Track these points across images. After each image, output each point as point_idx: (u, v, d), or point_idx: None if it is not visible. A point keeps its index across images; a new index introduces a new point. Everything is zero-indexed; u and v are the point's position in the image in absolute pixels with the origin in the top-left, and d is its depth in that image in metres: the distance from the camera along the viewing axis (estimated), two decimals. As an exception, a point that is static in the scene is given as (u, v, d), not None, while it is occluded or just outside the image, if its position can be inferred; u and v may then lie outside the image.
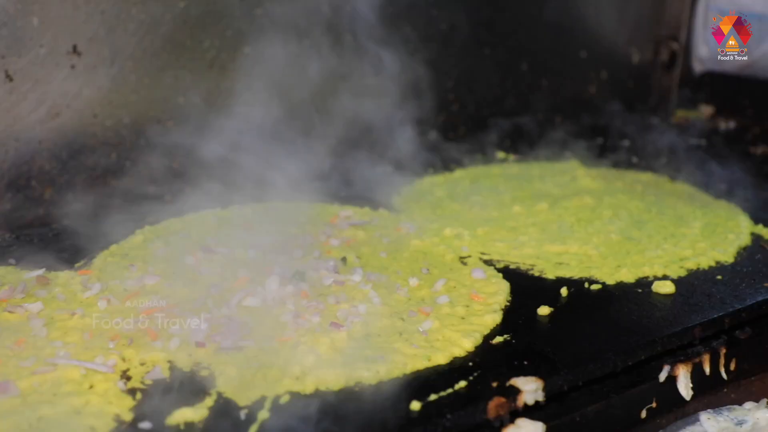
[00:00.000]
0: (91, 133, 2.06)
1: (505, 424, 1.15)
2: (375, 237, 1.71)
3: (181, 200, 2.00)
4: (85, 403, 1.08)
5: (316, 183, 2.16)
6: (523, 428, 1.16)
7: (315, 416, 1.09)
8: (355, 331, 1.30)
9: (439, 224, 1.79)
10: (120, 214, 1.86)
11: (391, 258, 1.61)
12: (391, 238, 1.72)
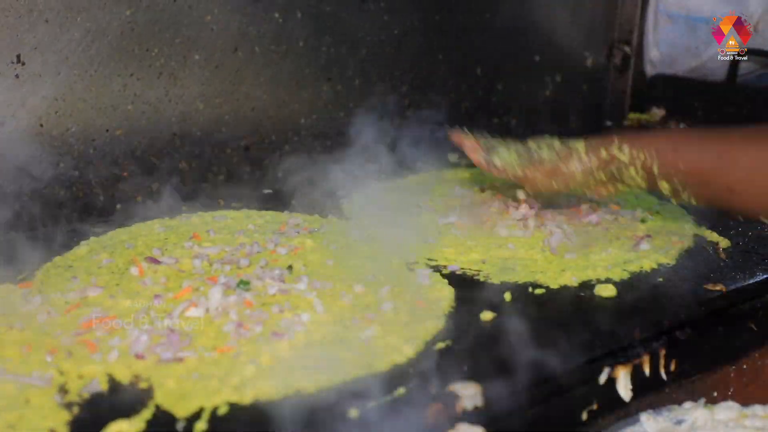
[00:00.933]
0: (38, 142, 2.04)
1: (445, 430, 1.16)
2: (323, 245, 1.71)
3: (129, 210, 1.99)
4: (19, 418, 1.07)
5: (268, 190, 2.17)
6: (463, 433, 1.17)
7: (252, 427, 1.09)
8: (297, 340, 1.30)
9: (388, 230, 1.79)
10: (66, 225, 1.85)
11: (338, 265, 1.61)
12: (339, 245, 1.72)
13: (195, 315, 1.37)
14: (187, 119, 2.25)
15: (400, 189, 2.14)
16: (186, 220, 1.84)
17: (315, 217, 1.89)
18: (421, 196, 2.05)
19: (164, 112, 2.21)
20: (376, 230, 1.80)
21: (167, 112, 2.22)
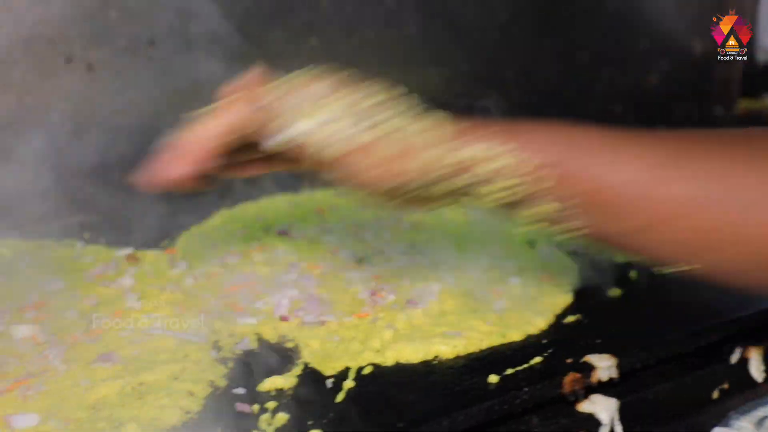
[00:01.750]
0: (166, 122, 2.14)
1: (579, 399, 1.19)
2: (442, 220, 1.75)
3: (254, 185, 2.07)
4: (182, 370, 1.15)
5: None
6: (597, 404, 1.19)
7: (397, 387, 1.14)
8: (431, 308, 1.34)
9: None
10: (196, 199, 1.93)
11: (460, 240, 1.64)
12: (458, 221, 1.75)
13: (330, 284, 1.43)
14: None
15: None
16: (310, 196, 1.91)
17: (431, 195, 1.93)
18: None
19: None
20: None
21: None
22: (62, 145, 1.99)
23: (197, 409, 1.07)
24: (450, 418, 1.08)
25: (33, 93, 1.91)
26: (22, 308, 1.29)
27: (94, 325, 1.25)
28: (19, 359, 1.15)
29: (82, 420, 1.03)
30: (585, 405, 1.19)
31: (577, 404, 1.19)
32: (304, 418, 1.06)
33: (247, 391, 1.12)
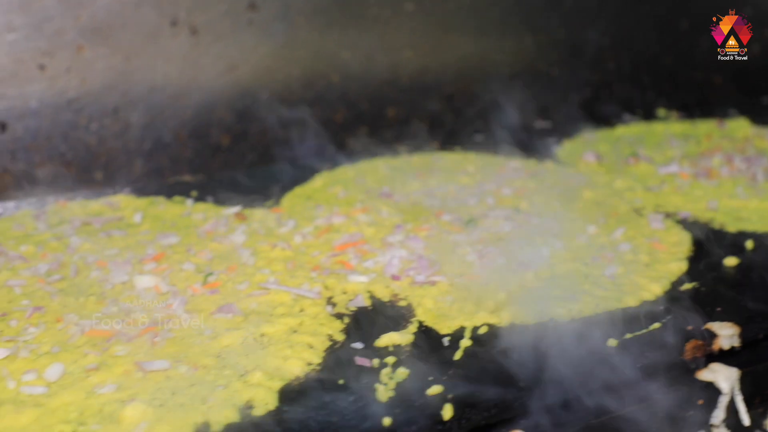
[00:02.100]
0: (264, 85, 2.17)
1: (699, 367, 1.16)
2: (546, 187, 1.73)
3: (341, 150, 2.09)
4: (299, 324, 1.17)
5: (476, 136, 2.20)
6: (718, 372, 1.16)
7: (515, 348, 1.13)
8: (542, 272, 1.33)
9: (608, 177, 1.79)
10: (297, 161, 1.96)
11: (564, 207, 1.62)
12: (561, 188, 1.73)
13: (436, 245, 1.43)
14: (395, 67, 2.33)
15: (611, 139, 2.11)
16: (407, 160, 1.91)
17: (532, 161, 1.91)
18: (634, 146, 2.02)
19: (376, 59, 2.29)
20: (595, 176, 1.79)
21: (378, 60, 2.30)
22: (165, 106, 2.04)
23: (318, 362, 1.09)
24: (569, 381, 1.07)
25: (139, 55, 1.95)
26: (143, 260, 1.32)
27: (212, 278, 1.28)
28: (144, 308, 1.19)
29: (210, 366, 1.06)
30: (705, 373, 1.16)
31: (698, 372, 1.16)
32: (424, 374, 1.06)
33: (364, 346, 1.13)
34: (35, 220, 1.48)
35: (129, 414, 0.94)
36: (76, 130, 1.94)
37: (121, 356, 1.06)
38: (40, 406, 0.96)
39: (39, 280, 1.26)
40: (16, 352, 1.06)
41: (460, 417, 0.99)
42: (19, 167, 1.88)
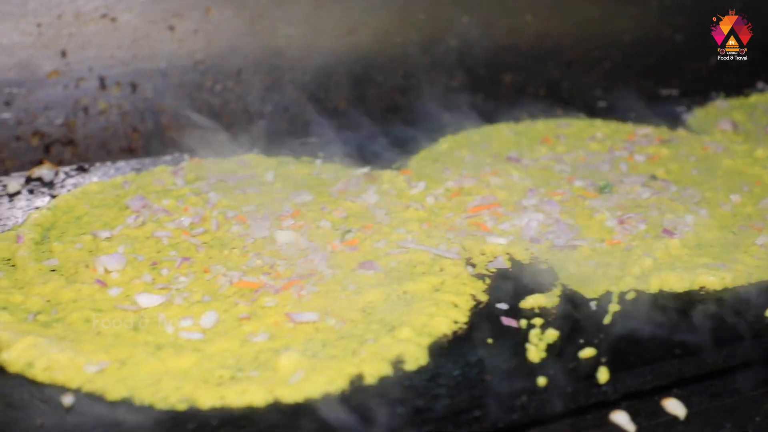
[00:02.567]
0: (382, 50, 2.16)
1: None
2: (680, 155, 1.66)
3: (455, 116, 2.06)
4: (441, 283, 1.16)
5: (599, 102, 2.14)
6: None
7: (666, 314, 1.09)
8: (688, 239, 1.28)
9: (748, 146, 1.70)
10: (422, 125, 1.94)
11: (703, 175, 1.56)
12: (698, 156, 1.66)
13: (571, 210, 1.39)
14: (514, 32, 2.27)
15: (745, 107, 2.02)
16: (531, 126, 1.87)
17: (663, 128, 1.84)
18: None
19: (495, 24, 2.25)
20: (733, 145, 1.71)
21: (497, 25, 2.25)
22: (286, 69, 2.05)
23: (464, 320, 1.08)
24: (729, 349, 1.03)
25: (263, 18, 1.97)
26: (280, 216, 1.34)
27: (350, 235, 1.28)
28: (287, 262, 1.20)
29: (357, 321, 1.06)
30: None
31: None
32: (574, 337, 1.04)
33: (509, 307, 1.11)
34: (173, 176, 1.52)
35: (284, 363, 0.95)
36: (201, 92, 1.98)
37: (270, 307, 1.08)
38: (198, 351, 0.98)
39: (183, 232, 1.29)
40: (171, 299, 1.09)
41: (616, 380, 0.97)
42: (148, 127, 1.94)
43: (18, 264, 1.19)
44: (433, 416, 0.89)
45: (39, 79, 1.80)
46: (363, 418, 0.88)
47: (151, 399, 0.91)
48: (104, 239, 1.26)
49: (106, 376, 0.94)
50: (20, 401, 0.92)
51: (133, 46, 1.87)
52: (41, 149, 1.83)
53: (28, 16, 1.74)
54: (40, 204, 1.42)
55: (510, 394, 0.93)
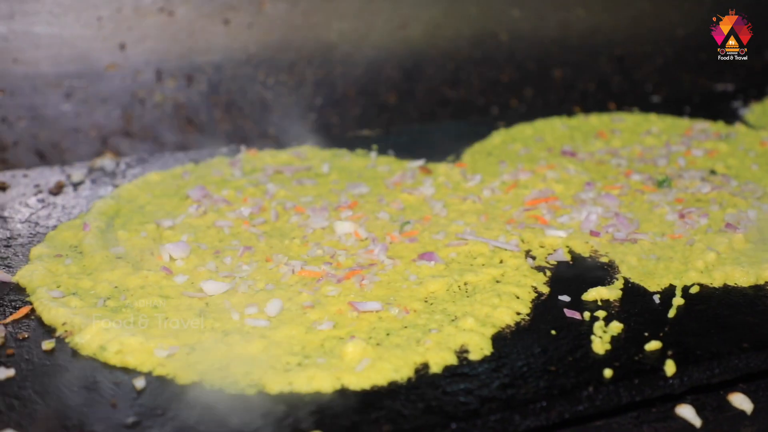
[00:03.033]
0: (433, 44, 2.16)
1: None
2: (739, 150, 1.64)
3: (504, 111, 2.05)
4: (502, 274, 1.16)
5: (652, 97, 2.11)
6: None
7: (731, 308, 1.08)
8: (751, 234, 1.26)
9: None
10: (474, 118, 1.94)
11: (763, 171, 1.54)
12: (757, 151, 1.64)
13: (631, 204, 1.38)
14: (565, 26, 2.26)
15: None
16: (584, 120, 1.86)
17: (720, 123, 1.81)
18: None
19: (546, 18, 2.24)
20: (794, 141, 1.69)
21: (549, 18, 2.24)
22: (337, 63, 2.07)
23: (526, 311, 1.08)
24: (798, 345, 1.01)
25: (316, 12, 1.99)
26: (338, 207, 1.35)
27: (408, 227, 1.29)
28: (347, 252, 1.21)
29: (420, 311, 1.06)
30: None
31: None
32: (639, 330, 1.03)
33: (571, 299, 1.11)
34: (231, 166, 1.54)
35: (350, 350, 0.96)
36: (254, 85, 2.00)
37: (333, 296, 1.09)
38: (264, 337, 1.00)
39: (244, 222, 1.30)
40: (235, 287, 1.11)
41: (683, 374, 0.96)
42: (202, 119, 1.96)
43: (85, 251, 1.22)
44: (499, 406, 0.89)
45: (98, 71, 1.84)
46: (428, 407, 0.89)
47: (221, 383, 0.93)
48: (167, 228, 1.28)
49: (176, 360, 0.96)
50: (94, 383, 0.94)
51: (189, 39, 1.90)
52: (99, 141, 1.87)
53: (89, 9, 1.78)
54: (104, 193, 1.45)
55: (576, 385, 0.93)
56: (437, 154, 1.66)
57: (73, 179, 1.51)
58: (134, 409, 0.90)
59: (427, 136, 1.82)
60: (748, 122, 1.85)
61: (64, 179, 1.52)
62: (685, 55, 2.35)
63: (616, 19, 2.28)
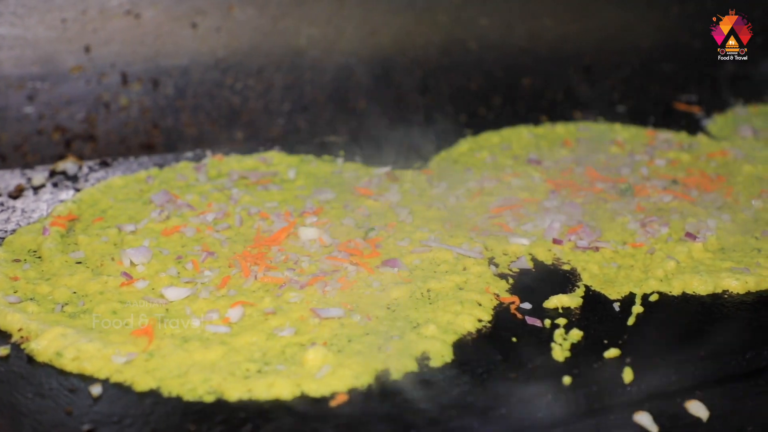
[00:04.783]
0: (402, 51, 2.16)
1: None
2: (700, 160, 1.66)
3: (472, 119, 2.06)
4: (465, 281, 1.16)
5: (618, 107, 2.14)
6: None
7: (689, 316, 1.10)
8: (710, 244, 1.28)
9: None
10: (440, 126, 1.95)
11: (724, 181, 1.56)
12: (718, 162, 1.66)
13: (594, 211, 1.39)
14: (534, 35, 2.28)
15: (764, 114, 2.01)
16: (551, 128, 1.87)
17: (683, 134, 1.84)
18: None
19: (514, 27, 2.25)
20: (753, 151, 1.71)
21: (517, 28, 2.26)
22: (306, 69, 2.06)
23: (488, 319, 1.08)
24: (753, 352, 1.03)
25: (286, 17, 1.98)
26: (303, 213, 1.35)
27: (373, 233, 1.29)
28: (311, 258, 1.20)
29: (382, 317, 1.06)
30: None
31: None
32: (598, 337, 1.04)
33: (533, 306, 1.12)
34: (196, 171, 1.53)
35: (311, 357, 0.96)
36: (221, 89, 1.99)
37: (296, 302, 1.08)
38: (225, 344, 0.99)
39: (207, 227, 1.29)
40: (197, 293, 1.10)
41: (641, 381, 0.97)
42: (168, 124, 1.95)
43: (44, 256, 1.20)
44: (459, 413, 0.90)
45: (62, 73, 1.81)
46: (388, 414, 0.89)
47: (179, 390, 0.92)
48: (129, 233, 1.27)
49: (133, 367, 0.95)
50: (49, 390, 0.93)
51: (156, 42, 1.88)
52: (62, 144, 1.84)
53: (54, 11, 1.75)
54: (65, 197, 1.44)
55: (535, 392, 0.94)
56: (404, 161, 1.66)
57: (34, 183, 1.49)
58: (90, 416, 0.89)
59: (395, 142, 1.82)
60: (710, 133, 1.88)
61: (25, 183, 1.49)
62: (651, 66, 2.38)
63: (583, 29, 2.31)
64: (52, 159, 1.79)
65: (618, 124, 1.91)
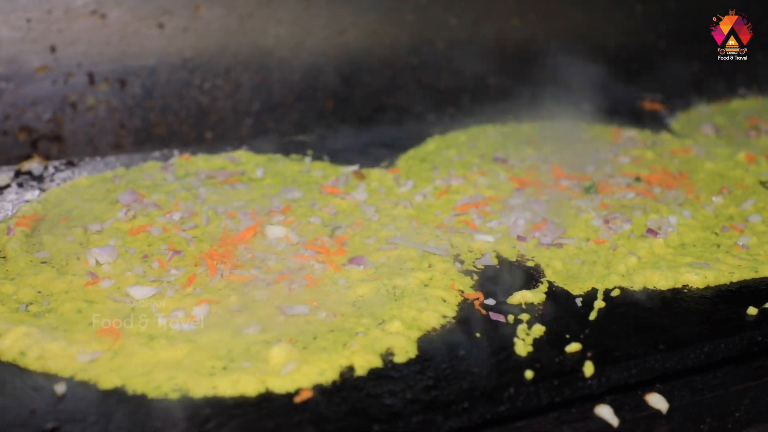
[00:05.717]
0: (371, 50, 2.17)
1: None
2: (664, 157, 1.69)
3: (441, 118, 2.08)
4: (430, 278, 1.17)
5: (584, 105, 2.16)
6: None
7: (649, 311, 1.12)
8: (671, 239, 1.30)
9: (729, 149, 1.74)
10: (397, 125, 1.96)
11: (686, 178, 1.59)
12: (681, 159, 1.69)
13: (556, 209, 1.41)
14: (501, 35, 2.30)
15: (727, 112, 2.05)
16: (517, 127, 1.89)
17: (647, 132, 1.87)
18: (754, 119, 1.96)
19: (482, 26, 2.27)
20: (715, 148, 1.75)
21: (485, 27, 2.28)
22: (274, 69, 2.06)
23: (452, 315, 1.09)
24: (711, 345, 1.05)
25: (253, 17, 1.98)
26: (271, 212, 1.35)
27: (339, 231, 1.30)
28: (277, 256, 1.21)
29: (348, 314, 1.07)
30: None
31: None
32: (560, 332, 1.06)
33: (496, 302, 1.13)
34: (163, 171, 1.53)
35: (275, 354, 0.96)
36: (189, 89, 1.98)
37: (262, 300, 1.09)
38: (190, 342, 0.99)
39: (174, 226, 1.29)
40: (162, 291, 1.10)
41: (601, 375, 0.99)
42: (136, 124, 1.94)
43: (9, 255, 1.19)
44: (422, 407, 0.91)
45: (27, 74, 1.80)
46: (352, 409, 0.90)
47: (144, 388, 0.92)
48: (95, 232, 1.26)
49: (98, 365, 0.95)
50: (12, 389, 0.92)
51: (122, 42, 1.87)
52: (28, 144, 1.83)
53: (18, 11, 1.74)
54: (30, 197, 1.43)
55: (497, 386, 0.95)
56: (372, 160, 1.67)
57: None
58: (54, 414, 0.88)
59: (363, 141, 1.84)
60: (673, 131, 1.91)
61: (-11, 183, 1.48)
62: (616, 66, 2.41)
63: (550, 29, 2.33)
64: (17, 159, 1.78)
65: (584, 123, 1.93)
